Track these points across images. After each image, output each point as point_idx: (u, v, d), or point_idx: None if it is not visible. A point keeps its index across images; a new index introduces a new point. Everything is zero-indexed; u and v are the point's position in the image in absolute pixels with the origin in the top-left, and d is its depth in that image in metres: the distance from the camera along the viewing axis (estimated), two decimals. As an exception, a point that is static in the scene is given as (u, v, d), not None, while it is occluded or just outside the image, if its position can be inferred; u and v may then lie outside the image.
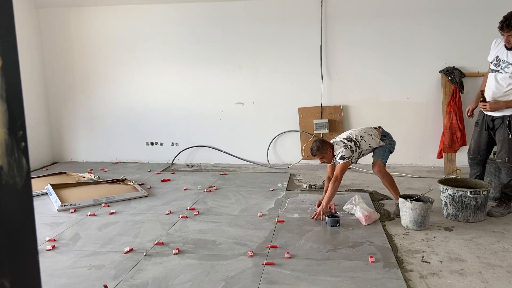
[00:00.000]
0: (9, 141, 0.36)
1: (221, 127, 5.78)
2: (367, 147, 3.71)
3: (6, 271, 0.34)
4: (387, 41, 5.33)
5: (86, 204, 4.02)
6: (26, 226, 0.38)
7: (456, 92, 5.13)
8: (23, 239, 0.38)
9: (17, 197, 0.36)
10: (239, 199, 4.17)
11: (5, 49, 0.36)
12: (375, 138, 3.76)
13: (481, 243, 3.01)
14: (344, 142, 3.64)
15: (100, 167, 5.71)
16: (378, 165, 3.71)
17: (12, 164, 0.36)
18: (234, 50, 5.58)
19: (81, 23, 5.83)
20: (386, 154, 3.77)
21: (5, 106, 0.35)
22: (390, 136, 3.89)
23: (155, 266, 2.75)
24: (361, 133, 3.73)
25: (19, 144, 0.36)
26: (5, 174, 0.35)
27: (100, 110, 5.98)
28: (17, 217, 0.37)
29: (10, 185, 0.36)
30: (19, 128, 0.36)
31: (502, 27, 3.29)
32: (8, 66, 0.36)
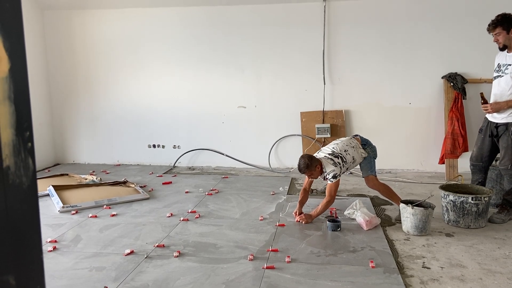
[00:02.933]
0: (16, 141, 0.37)
1: (223, 131, 5.79)
2: (351, 160, 3.68)
3: (11, 268, 0.35)
4: (390, 47, 5.34)
5: (87, 205, 4.03)
6: (31, 225, 0.39)
7: (458, 98, 5.13)
8: (28, 238, 0.39)
9: (23, 197, 0.37)
10: (240, 203, 4.17)
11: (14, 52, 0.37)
12: (357, 149, 3.73)
13: (482, 250, 3.00)
14: (333, 159, 3.58)
15: (102, 169, 5.73)
16: (371, 180, 3.72)
17: (18, 164, 0.37)
18: (237, 53, 5.60)
19: (85, 25, 5.86)
20: (373, 164, 3.76)
21: (13, 108, 0.36)
22: (369, 143, 3.85)
23: (156, 268, 2.76)
24: (344, 147, 3.68)
25: (26, 145, 0.37)
26: (12, 174, 0.36)
27: (103, 112, 6.01)
28: (22, 216, 0.38)
29: (17, 185, 0.37)
30: (26, 129, 0.37)
31: (489, 29, 3.46)
32: (16, 68, 0.37)
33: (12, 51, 0.36)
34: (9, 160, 0.36)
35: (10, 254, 0.36)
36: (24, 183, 0.37)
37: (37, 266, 0.38)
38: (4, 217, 0.35)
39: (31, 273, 0.38)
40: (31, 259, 0.38)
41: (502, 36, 3.41)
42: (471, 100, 5.16)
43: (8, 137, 0.36)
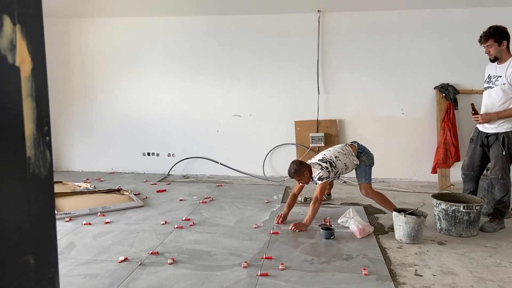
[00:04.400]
0: (36, 135, 0.40)
1: (218, 139, 5.82)
2: (342, 167, 3.79)
3: (31, 249, 0.38)
4: (383, 57, 5.42)
5: (81, 213, 4.02)
6: (48, 213, 0.41)
7: (450, 108, 5.21)
8: (45, 225, 0.41)
9: (42, 186, 0.40)
10: (235, 211, 4.18)
11: (36, 54, 0.40)
12: (349, 157, 3.84)
13: (474, 258, 3.04)
14: (320, 164, 3.73)
15: (96, 177, 5.72)
16: (364, 188, 3.81)
17: (38, 155, 0.40)
18: (232, 63, 5.66)
19: (81, 33, 5.89)
20: (368, 172, 3.85)
21: (34, 104, 0.39)
22: (367, 151, 3.96)
23: (150, 275, 2.76)
24: (335, 154, 3.81)
25: (45, 138, 0.40)
26: (32, 164, 0.39)
27: (97, 120, 6.02)
28: (41, 204, 0.41)
29: (36, 175, 0.39)
30: (45, 124, 0.40)
31: (480, 41, 3.54)
32: (38, 69, 0.40)
33: (34, 53, 0.40)
34: (30, 151, 0.39)
35: (30, 238, 0.38)
36: (42, 173, 0.40)
37: (52, 249, 0.41)
38: (26, 205, 0.38)
39: (47, 255, 0.40)
40: (47, 243, 0.41)
41: (494, 48, 3.49)
42: (462, 111, 5.24)
43: (29, 130, 0.39)
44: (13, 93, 0.37)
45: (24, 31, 0.38)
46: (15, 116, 0.38)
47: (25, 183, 0.38)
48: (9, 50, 0.37)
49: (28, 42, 0.39)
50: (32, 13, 0.39)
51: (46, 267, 0.40)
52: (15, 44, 0.37)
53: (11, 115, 0.37)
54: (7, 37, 0.36)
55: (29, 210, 0.38)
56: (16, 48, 0.38)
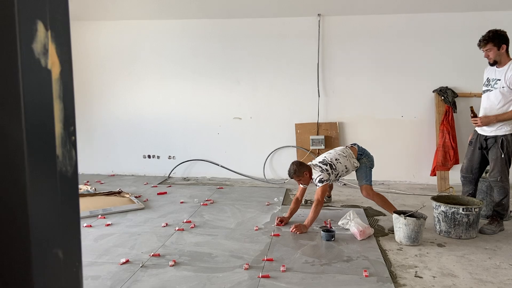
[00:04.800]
0: (64, 134, 0.42)
1: (218, 141, 5.84)
2: (343, 169, 3.84)
3: (60, 243, 0.40)
4: (383, 60, 5.46)
5: (82, 215, 4.03)
6: (74, 210, 0.44)
7: (449, 111, 5.24)
8: (72, 220, 0.43)
9: (68, 184, 0.42)
10: (235, 213, 4.20)
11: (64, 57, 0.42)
12: (350, 159, 3.88)
13: (473, 260, 3.06)
14: (321, 166, 3.78)
15: (96, 179, 5.73)
16: (365, 189, 3.84)
17: (65, 154, 0.42)
18: (233, 66, 5.69)
19: (81, 36, 5.92)
20: (369, 174, 3.88)
21: (62, 105, 0.41)
22: (367, 153, 4.00)
23: (151, 277, 2.77)
24: (336, 156, 3.86)
25: (70, 138, 0.42)
26: (60, 163, 0.41)
27: (98, 123, 6.04)
28: (68, 201, 0.43)
29: (63, 173, 0.41)
30: (71, 124, 0.42)
31: (479, 45, 3.55)
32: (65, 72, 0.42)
33: (62, 57, 0.42)
34: (58, 150, 0.41)
35: (59, 232, 0.41)
36: (68, 171, 0.42)
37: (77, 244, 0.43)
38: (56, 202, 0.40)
39: (73, 249, 0.42)
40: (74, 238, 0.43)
41: (493, 52, 3.52)
42: (461, 114, 5.27)
43: (58, 130, 0.41)
44: (45, 95, 0.40)
45: (54, 36, 0.41)
46: (47, 116, 0.40)
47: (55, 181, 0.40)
48: (42, 54, 0.39)
49: (57, 46, 0.41)
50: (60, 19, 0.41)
51: (73, 260, 0.42)
52: (47, 48, 0.40)
53: (44, 115, 0.40)
54: (40, 42, 0.39)
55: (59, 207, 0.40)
56: (48, 52, 0.40)
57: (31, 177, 0.37)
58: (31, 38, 0.38)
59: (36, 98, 0.39)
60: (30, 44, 0.38)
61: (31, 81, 0.38)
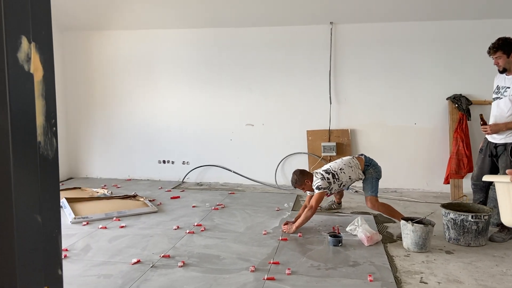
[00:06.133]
0: (46, 125, 0.51)
1: (231, 148, 5.94)
2: (347, 179, 3.88)
3: (39, 210, 0.49)
4: (395, 68, 5.48)
5: (98, 217, 4.17)
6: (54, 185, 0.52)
7: (463, 119, 5.22)
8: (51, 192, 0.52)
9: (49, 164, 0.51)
10: (245, 217, 4.27)
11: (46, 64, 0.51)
12: (355, 169, 3.92)
13: (480, 267, 3.05)
14: (322, 174, 3.84)
15: (113, 183, 5.90)
16: (370, 200, 3.88)
17: (46, 141, 0.50)
18: (245, 73, 5.79)
19: (101, 45, 6.13)
20: (375, 185, 3.91)
21: (44, 102, 0.50)
22: (374, 163, 4.03)
23: (161, 277, 2.86)
24: (341, 166, 3.90)
25: (52, 128, 0.51)
26: (42, 147, 0.50)
27: (116, 129, 6.22)
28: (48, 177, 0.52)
29: (45, 156, 0.50)
30: (52, 117, 0.51)
31: (489, 52, 3.56)
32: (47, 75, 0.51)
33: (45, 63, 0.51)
34: (40, 137, 0.50)
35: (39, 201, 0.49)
36: (49, 155, 0.51)
37: (56, 213, 0.51)
38: (36, 177, 0.49)
39: (52, 217, 0.51)
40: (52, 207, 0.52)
41: (503, 59, 3.52)
42: (475, 121, 5.23)
43: (40, 122, 0.50)
44: (28, 93, 0.49)
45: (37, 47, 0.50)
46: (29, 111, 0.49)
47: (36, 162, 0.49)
48: (25, 61, 0.48)
49: (41, 55, 0.50)
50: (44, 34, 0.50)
51: (51, 226, 0.50)
52: (30, 56, 0.49)
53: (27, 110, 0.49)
54: (24, 51, 0.48)
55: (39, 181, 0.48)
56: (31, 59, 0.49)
57: (13, 157, 0.46)
58: (16, 49, 0.47)
59: (20, 96, 0.48)
60: (15, 54, 0.47)
61: (15, 82, 0.47)
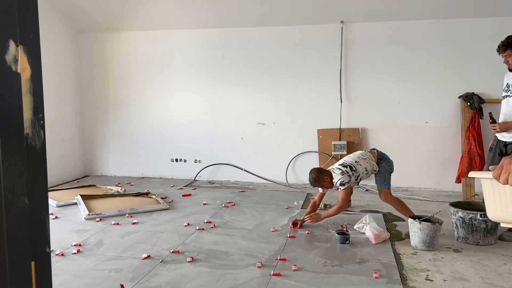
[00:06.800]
0: (33, 119, 0.57)
1: (242, 146, 6.00)
2: (363, 171, 3.89)
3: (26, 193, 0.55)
4: (406, 66, 5.46)
5: (111, 214, 4.28)
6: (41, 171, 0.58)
7: (475, 117, 5.17)
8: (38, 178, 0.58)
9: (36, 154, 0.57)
10: (255, 215, 4.33)
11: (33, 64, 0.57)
12: (370, 161, 3.94)
13: (488, 265, 3.04)
14: (340, 168, 3.83)
15: (127, 181, 6.02)
16: (384, 193, 3.89)
17: (34, 133, 0.56)
18: (256, 73, 5.85)
19: (116, 46, 6.26)
20: (387, 178, 3.92)
21: (32, 98, 0.56)
22: (386, 157, 4.05)
23: (169, 272, 2.94)
24: (355, 159, 3.92)
25: (39, 122, 0.57)
26: (30, 139, 0.56)
27: (130, 128, 6.35)
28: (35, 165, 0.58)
29: (32, 146, 0.56)
30: (40, 112, 0.57)
31: (499, 50, 3.54)
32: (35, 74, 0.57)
33: (32, 64, 0.57)
34: (28, 129, 0.56)
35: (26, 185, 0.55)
36: (37, 145, 0.57)
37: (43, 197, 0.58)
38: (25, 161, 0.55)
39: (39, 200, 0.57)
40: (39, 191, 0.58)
41: None
42: (488, 120, 5.17)
43: (28, 115, 0.56)
44: (15, 90, 0.55)
45: (25, 49, 0.56)
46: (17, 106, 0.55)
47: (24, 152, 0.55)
48: (13, 62, 0.54)
49: (28, 56, 0.56)
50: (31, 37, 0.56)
51: (39, 209, 0.56)
52: (17, 58, 0.55)
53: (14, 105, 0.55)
54: (12, 53, 0.54)
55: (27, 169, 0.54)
56: (18, 60, 0.55)
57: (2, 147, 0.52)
58: (4, 52, 0.54)
59: (7, 93, 0.54)
60: (3, 56, 0.53)
61: (4, 81, 0.54)
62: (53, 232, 3.77)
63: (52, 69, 5.78)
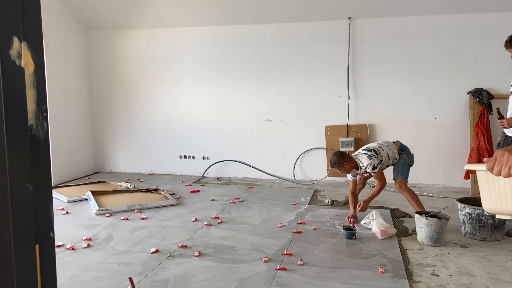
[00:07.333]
0: (37, 110, 0.60)
1: (250, 143, 6.04)
2: (385, 156, 3.95)
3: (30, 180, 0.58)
4: (414, 62, 5.43)
5: (120, 209, 4.35)
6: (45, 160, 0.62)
7: (484, 113, 5.14)
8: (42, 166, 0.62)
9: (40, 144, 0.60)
10: (262, 211, 4.36)
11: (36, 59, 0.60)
12: (392, 149, 4.04)
13: (494, 261, 3.04)
14: (366, 153, 3.91)
15: (136, 178, 6.10)
16: (399, 183, 3.93)
17: (38, 124, 0.60)
18: (264, 69, 5.87)
19: (124, 44, 6.33)
20: (406, 169, 3.96)
21: (35, 91, 0.60)
22: (408, 150, 4.10)
23: (177, 266, 2.99)
24: (378, 144, 4.03)
25: (43, 113, 0.61)
26: (34, 129, 0.59)
27: (139, 125, 6.42)
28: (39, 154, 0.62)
29: (36, 137, 0.60)
30: (43, 104, 0.61)
31: (506, 45, 3.53)
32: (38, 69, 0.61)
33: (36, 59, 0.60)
34: (32, 120, 0.59)
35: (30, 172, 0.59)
36: (40, 136, 0.60)
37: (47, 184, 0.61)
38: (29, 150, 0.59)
39: (43, 187, 0.61)
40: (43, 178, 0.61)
41: None
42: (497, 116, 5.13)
43: (31, 107, 0.60)
44: (19, 83, 0.58)
45: (28, 45, 0.59)
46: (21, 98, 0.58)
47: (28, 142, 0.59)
48: (17, 57, 0.58)
49: (31, 52, 0.60)
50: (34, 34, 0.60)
51: (43, 196, 0.60)
52: (21, 53, 0.58)
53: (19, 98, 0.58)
54: (15, 49, 0.57)
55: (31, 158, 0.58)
56: (21, 55, 0.58)
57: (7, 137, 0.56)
58: (8, 47, 0.57)
59: (12, 86, 0.58)
60: (7, 51, 0.57)
61: (8, 75, 0.57)
62: (64, 226, 3.85)
63: (62, 67, 5.86)
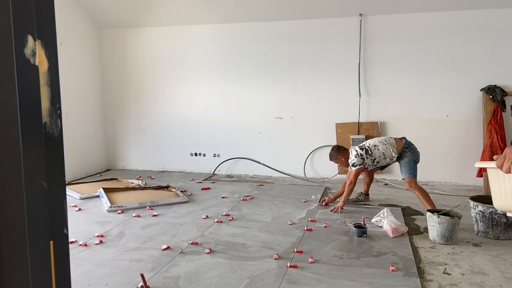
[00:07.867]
0: (51, 108, 0.61)
1: (260, 140, 6.04)
2: (380, 155, 4.09)
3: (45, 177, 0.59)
4: (426, 59, 5.37)
5: (132, 206, 4.39)
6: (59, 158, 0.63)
7: (497, 110, 5.06)
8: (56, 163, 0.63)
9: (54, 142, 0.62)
10: (272, 208, 4.37)
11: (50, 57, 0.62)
12: (390, 147, 4.09)
13: (508, 259, 3.00)
14: (357, 150, 4.11)
15: (148, 175, 6.14)
16: (408, 182, 4.00)
17: (52, 122, 0.61)
18: (275, 67, 5.86)
19: (137, 41, 6.37)
20: (412, 167, 3.98)
21: (49, 89, 0.61)
22: (413, 147, 4.15)
23: (188, 262, 3.01)
24: (375, 143, 4.14)
25: (57, 111, 0.62)
26: (48, 127, 0.61)
27: (150, 123, 6.46)
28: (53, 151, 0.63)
29: (50, 134, 0.61)
30: (57, 102, 0.62)
31: None
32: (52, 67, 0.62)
33: (49, 57, 0.61)
34: (46, 118, 0.61)
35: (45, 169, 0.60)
36: (54, 133, 0.61)
37: (61, 181, 0.62)
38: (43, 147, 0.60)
39: (57, 184, 0.62)
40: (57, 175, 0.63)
41: None
42: (510, 113, 5.06)
43: (46, 105, 0.61)
44: (34, 82, 0.59)
45: (42, 43, 0.60)
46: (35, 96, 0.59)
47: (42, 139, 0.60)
48: (31, 55, 0.59)
49: (45, 50, 0.61)
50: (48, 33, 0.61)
51: (58, 192, 0.61)
52: (35, 51, 0.59)
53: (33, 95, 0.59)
54: (30, 47, 0.59)
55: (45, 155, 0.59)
56: (36, 54, 0.59)
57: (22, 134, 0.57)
58: (23, 46, 0.58)
59: (27, 84, 0.59)
60: (22, 50, 0.58)
61: (23, 73, 0.58)
62: (77, 223, 3.90)
63: (75, 66, 5.92)
